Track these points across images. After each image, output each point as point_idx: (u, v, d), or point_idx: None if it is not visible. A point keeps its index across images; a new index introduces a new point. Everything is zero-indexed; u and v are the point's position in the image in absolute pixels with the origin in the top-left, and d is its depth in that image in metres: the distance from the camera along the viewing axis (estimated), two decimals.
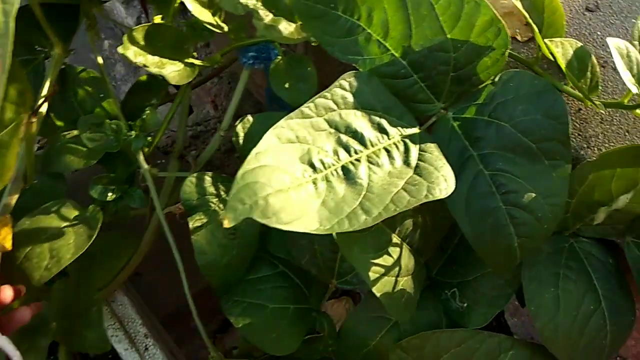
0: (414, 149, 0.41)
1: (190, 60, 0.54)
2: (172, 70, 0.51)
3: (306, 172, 0.36)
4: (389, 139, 0.41)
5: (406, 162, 0.40)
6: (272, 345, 0.47)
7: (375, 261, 0.44)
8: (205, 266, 0.48)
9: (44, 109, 0.49)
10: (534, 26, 0.44)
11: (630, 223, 0.46)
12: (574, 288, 0.46)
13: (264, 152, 0.35)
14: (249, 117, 0.54)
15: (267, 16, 0.49)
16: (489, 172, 0.43)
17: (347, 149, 0.39)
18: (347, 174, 0.38)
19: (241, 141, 0.54)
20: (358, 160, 0.39)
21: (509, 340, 0.48)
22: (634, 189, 0.44)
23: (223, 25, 0.54)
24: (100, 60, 0.58)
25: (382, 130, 0.41)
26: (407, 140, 0.41)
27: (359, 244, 0.43)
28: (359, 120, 0.40)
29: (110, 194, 0.53)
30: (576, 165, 0.46)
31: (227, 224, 0.31)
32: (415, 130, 0.42)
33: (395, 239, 0.47)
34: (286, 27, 0.49)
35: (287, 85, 0.55)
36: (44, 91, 0.50)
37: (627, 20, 0.57)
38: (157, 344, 0.59)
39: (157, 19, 0.53)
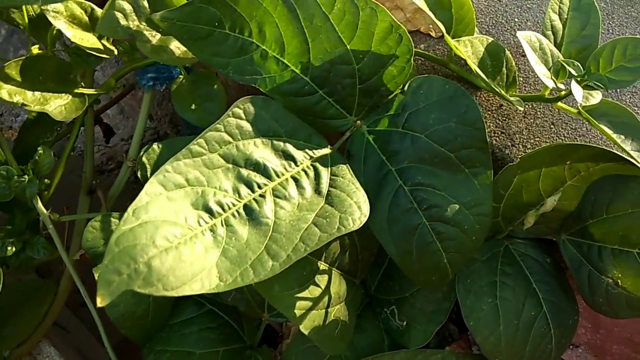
0: (325, 174, 0.37)
1: (80, 90, 0.48)
2: (58, 105, 0.46)
3: (202, 219, 0.32)
4: (296, 165, 0.37)
5: (317, 191, 0.36)
6: None
7: (301, 295, 0.40)
8: (118, 319, 0.44)
9: None
10: (441, 26, 0.41)
11: (563, 221, 0.44)
12: (512, 296, 0.44)
13: (145, 205, 0.31)
14: (155, 146, 0.50)
15: (154, 37, 0.44)
16: (408, 188, 0.40)
17: (249, 184, 0.35)
18: (251, 214, 0.34)
19: (148, 174, 0.49)
20: (262, 195, 0.35)
21: (452, 355, 0.46)
22: (562, 188, 0.42)
23: (112, 47, 0.49)
24: None
25: (288, 157, 0.37)
26: (317, 164, 0.37)
27: (279, 280, 0.40)
28: (260, 150, 0.36)
29: (10, 248, 0.48)
30: (502, 165, 0.43)
31: (100, 303, 0.27)
32: (326, 150, 0.39)
33: (323, 265, 0.43)
34: (178, 47, 0.45)
35: (193, 107, 0.51)
36: None
37: (543, 4, 0.55)
38: None
39: (35, 49, 0.48)
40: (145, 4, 0.44)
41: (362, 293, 0.48)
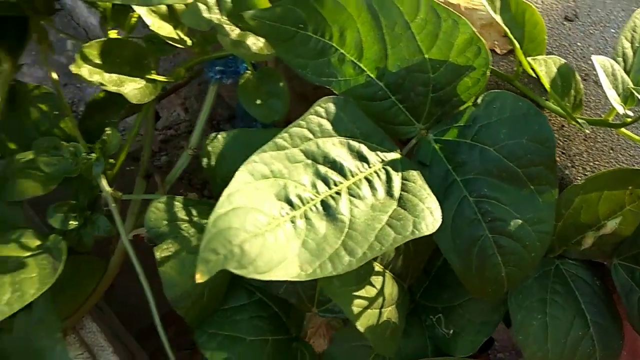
0: (397, 178, 0.38)
1: (152, 76, 0.50)
2: (133, 88, 0.48)
3: (283, 210, 0.33)
4: (369, 167, 0.38)
5: (389, 193, 0.37)
6: None
7: (358, 293, 0.41)
8: (176, 299, 0.45)
9: None
10: (516, 43, 0.42)
11: (617, 245, 0.45)
12: (561, 314, 0.45)
13: (237, 192, 0.32)
14: (220, 136, 0.51)
15: (233, 31, 0.46)
16: (473, 199, 0.41)
17: (326, 181, 0.36)
18: (328, 210, 0.35)
19: (213, 162, 0.50)
20: (338, 193, 0.36)
21: None
22: (621, 212, 0.43)
23: (186, 39, 0.51)
24: (55, 76, 0.54)
25: (362, 158, 0.38)
26: (389, 168, 0.39)
27: (340, 277, 0.40)
28: (337, 149, 0.37)
29: (72, 222, 0.49)
30: (562, 185, 0.44)
31: (199, 278, 0.28)
32: (397, 155, 0.40)
33: (378, 267, 0.44)
34: (255, 43, 0.46)
35: (258, 102, 0.52)
36: None
37: (606, 31, 0.55)
38: None
39: (113, 34, 0.50)
40: None
41: (409, 298, 0.49)
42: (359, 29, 0.39)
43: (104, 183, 0.51)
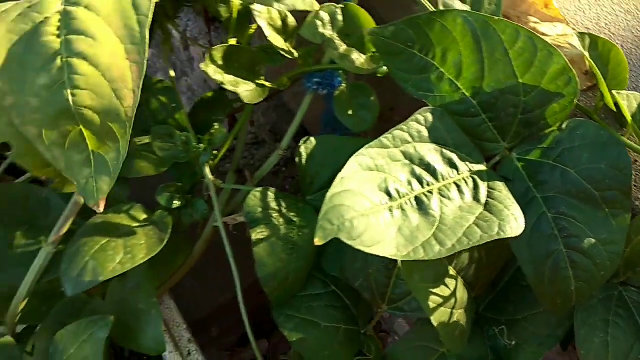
0: (483, 186, 0.42)
1: (261, 81, 0.56)
2: (245, 90, 0.54)
3: (383, 199, 0.38)
4: (458, 174, 0.42)
5: (476, 198, 0.41)
6: None
7: (434, 290, 0.45)
8: (265, 278, 0.50)
9: None
10: (600, 77, 0.46)
11: None
12: (623, 337, 0.47)
13: (348, 177, 0.37)
14: (312, 139, 0.57)
15: (341, 46, 0.51)
16: (552, 215, 0.44)
17: (420, 180, 0.40)
18: (420, 205, 0.39)
19: (304, 161, 0.56)
20: (430, 192, 0.40)
21: None
22: None
23: (293, 51, 0.57)
24: (172, 73, 0.61)
25: (453, 165, 0.42)
26: (476, 177, 0.43)
27: (419, 272, 0.44)
28: (431, 154, 0.42)
29: (176, 202, 0.56)
30: (633, 214, 0.47)
31: (317, 242, 0.33)
32: (483, 167, 0.44)
33: (452, 271, 0.48)
34: (357, 58, 0.52)
35: (350, 112, 0.57)
36: None
37: None
38: (199, 350, 0.60)
39: (233, 42, 0.56)
40: (340, 17, 0.51)
41: (475, 307, 0.52)
42: (461, 51, 0.44)
43: (207, 171, 0.57)
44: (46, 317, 0.57)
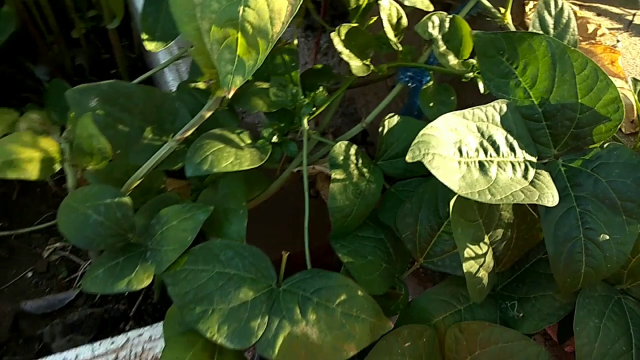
0: (532, 170, 0.54)
1: (367, 62, 0.69)
2: (355, 64, 0.67)
3: (455, 154, 0.50)
4: (515, 157, 0.54)
5: (525, 177, 0.53)
6: (366, 284, 0.59)
7: (470, 245, 0.56)
8: (333, 209, 0.62)
9: None
10: None
11: None
12: (613, 328, 0.56)
13: (436, 127, 0.49)
14: (395, 116, 0.69)
15: (442, 46, 0.64)
16: (579, 210, 0.55)
17: (485, 151, 0.52)
18: (482, 168, 0.51)
19: (384, 132, 0.68)
20: (491, 161, 0.52)
21: (546, 354, 0.58)
22: None
23: (399, 45, 0.70)
24: (295, 41, 0.75)
25: (512, 149, 0.54)
26: (528, 163, 0.54)
27: (463, 227, 0.56)
28: (498, 135, 0.53)
29: (275, 138, 0.68)
30: None
31: (408, 159, 0.45)
32: (534, 159, 0.55)
33: (487, 239, 0.59)
34: (452, 59, 0.64)
35: (431, 105, 0.69)
36: None
37: None
38: None
39: (350, 25, 0.70)
40: (447, 24, 0.64)
41: (495, 280, 0.63)
42: (539, 67, 0.56)
43: (305, 121, 0.70)
44: (142, 205, 0.71)
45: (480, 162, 0.51)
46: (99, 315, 0.91)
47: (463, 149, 0.50)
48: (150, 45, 0.68)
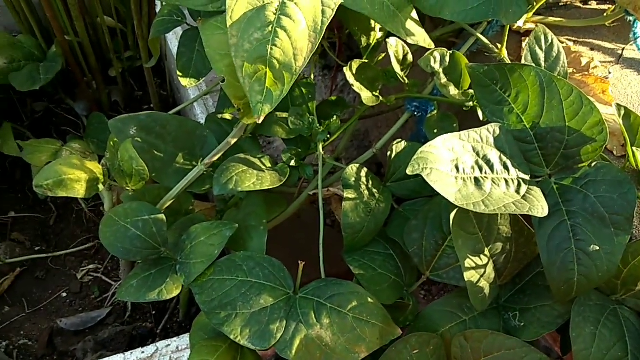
0: (524, 187, 0.59)
1: (376, 93, 0.76)
2: (366, 95, 0.74)
3: (453, 170, 0.56)
4: (509, 174, 0.60)
5: (517, 192, 0.58)
6: (376, 294, 0.64)
7: (471, 256, 0.61)
8: (345, 225, 0.68)
9: None
10: (627, 138, 0.63)
11: None
12: (609, 334, 0.60)
13: (434, 146, 0.55)
14: (403, 142, 0.75)
15: (443, 79, 0.71)
16: (570, 223, 0.60)
17: (480, 168, 0.58)
18: (477, 183, 0.57)
19: (392, 156, 0.74)
20: (486, 177, 0.58)
21: None
22: None
23: (405, 79, 0.77)
24: (312, 76, 0.83)
25: (506, 167, 0.60)
26: (521, 180, 0.60)
27: (463, 239, 0.61)
28: (493, 155, 0.59)
29: (293, 161, 0.75)
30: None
31: (408, 171, 0.51)
32: (527, 177, 0.61)
33: (487, 252, 0.64)
34: (453, 90, 0.71)
35: (435, 131, 0.76)
36: None
37: None
38: None
39: (358, 62, 0.77)
40: (447, 59, 0.71)
41: (497, 292, 0.67)
42: (529, 94, 0.62)
43: (320, 147, 0.77)
44: (172, 225, 0.77)
45: (475, 178, 0.57)
46: (128, 332, 0.97)
47: (460, 167, 0.57)
48: (184, 82, 0.76)
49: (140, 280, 0.67)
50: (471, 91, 0.72)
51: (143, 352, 0.77)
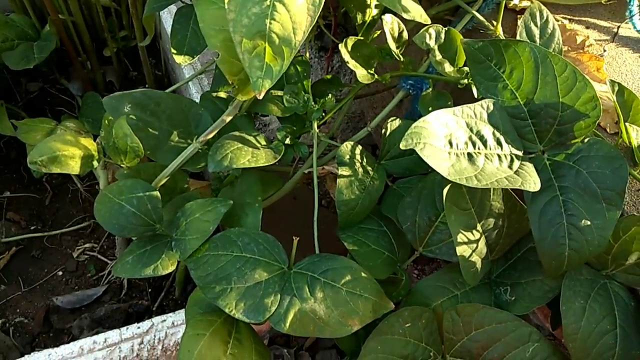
0: (517, 162, 0.59)
1: (372, 71, 0.76)
2: (360, 73, 0.74)
3: (446, 145, 0.56)
4: (502, 150, 0.60)
5: (510, 167, 0.59)
6: (369, 269, 0.65)
7: (464, 231, 0.62)
8: (340, 202, 0.68)
9: None
10: (620, 113, 0.63)
11: None
12: (598, 309, 0.61)
13: (428, 121, 0.55)
14: (397, 120, 0.75)
15: (438, 55, 0.71)
16: (562, 198, 0.60)
17: (474, 144, 0.58)
18: (470, 158, 0.57)
19: (387, 134, 0.75)
20: (479, 153, 0.58)
21: (537, 334, 0.63)
22: None
23: (401, 56, 0.77)
24: (307, 54, 0.82)
25: (499, 143, 0.60)
26: (513, 156, 0.60)
27: (456, 215, 0.61)
28: (486, 131, 0.60)
29: (288, 140, 0.75)
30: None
31: (402, 146, 0.51)
32: (520, 153, 0.61)
33: (479, 227, 0.64)
34: (448, 67, 0.71)
35: (430, 109, 0.76)
36: None
37: None
38: None
39: (355, 38, 0.77)
40: (443, 36, 0.71)
41: (489, 267, 0.68)
42: (524, 71, 0.62)
43: (315, 125, 0.77)
44: (167, 203, 0.78)
45: (469, 154, 0.57)
46: (124, 310, 0.98)
47: (453, 142, 0.57)
48: (179, 59, 0.76)
49: (136, 257, 0.68)
50: (466, 68, 0.72)
51: (139, 328, 0.78)
